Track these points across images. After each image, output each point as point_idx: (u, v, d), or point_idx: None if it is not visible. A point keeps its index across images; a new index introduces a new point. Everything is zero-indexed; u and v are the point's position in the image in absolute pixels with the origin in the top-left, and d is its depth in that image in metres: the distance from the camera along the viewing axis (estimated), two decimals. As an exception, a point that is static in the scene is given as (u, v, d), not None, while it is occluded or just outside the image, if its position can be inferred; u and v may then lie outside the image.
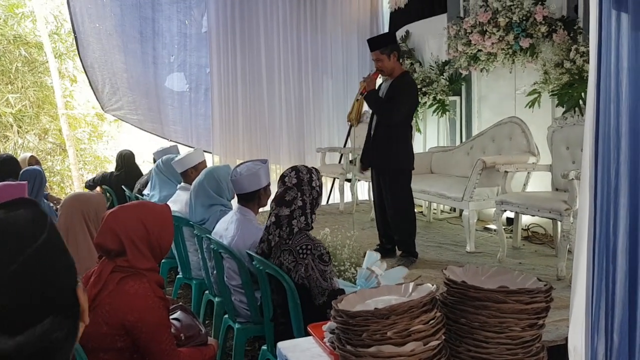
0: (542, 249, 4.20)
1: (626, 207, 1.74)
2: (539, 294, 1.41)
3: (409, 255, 3.80)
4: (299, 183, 2.47)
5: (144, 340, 1.91)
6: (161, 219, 2.08)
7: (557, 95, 4.15)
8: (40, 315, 0.77)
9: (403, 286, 1.56)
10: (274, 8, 6.58)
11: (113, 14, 6.22)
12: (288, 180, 2.48)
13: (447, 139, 5.83)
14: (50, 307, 0.78)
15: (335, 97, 7.08)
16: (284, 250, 2.43)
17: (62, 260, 0.81)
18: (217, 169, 3.79)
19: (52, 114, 9.48)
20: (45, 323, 0.76)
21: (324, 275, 2.36)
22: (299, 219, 2.46)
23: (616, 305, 1.74)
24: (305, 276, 2.37)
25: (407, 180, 3.81)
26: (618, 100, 1.75)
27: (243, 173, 2.98)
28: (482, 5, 4.67)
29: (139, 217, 2.01)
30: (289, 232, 2.45)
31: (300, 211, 2.46)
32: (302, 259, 2.37)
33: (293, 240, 2.42)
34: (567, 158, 3.88)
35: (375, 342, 1.35)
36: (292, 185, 2.46)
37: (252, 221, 2.99)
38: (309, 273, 2.36)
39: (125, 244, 1.95)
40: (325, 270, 2.37)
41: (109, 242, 1.96)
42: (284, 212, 2.45)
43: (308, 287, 2.38)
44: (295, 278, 2.37)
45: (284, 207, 2.46)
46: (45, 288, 0.77)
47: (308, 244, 2.39)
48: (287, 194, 2.46)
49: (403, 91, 3.69)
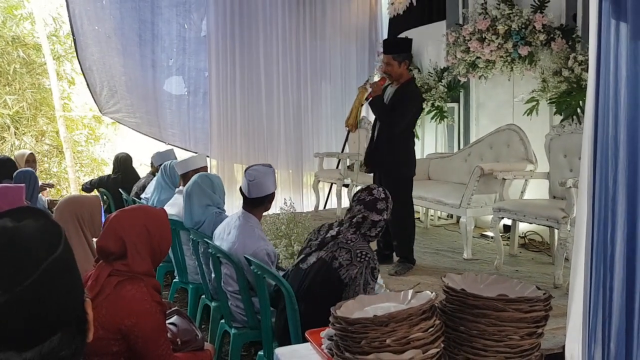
0: (539, 256, 4.20)
1: (624, 216, 1.74)
2: (538, 303, 1.41)
3: (406, 262, 3.79)
4: (386, 199, 2.64)
5: (140, 344, 1.90)
6: (161, 223, 2.09)
7: (555, 103, 4.17)
8: (49, 332, 0.75)
9: (402, 293, 1.56)
10: (273, 13, 6.59)
11: (112, 16, 6.22)
12: (377, 193, 2.63)
13: (445, 146, 5.84)
14: (60, 324, 0.76)
15: (333, 102, 7.09)
16: (341, 248, 2.47)
17: (73, 276, 0.80)
18: (208, 173, 3.81)
19: (49, 116, 9.45)
20: (53, 340, 0.75)
21: (366, 287, 2.41)
22: (377, 230, 2.59)
23: (613, 314, 1.74)
24: (353, 278, 2.39)
25: (408, 187, 3.82)
26: (616, 109, 1.76)
27: (260, 177, 3.00)
28: (481, 13, 4.68)
29: (142, 221, 2.01)
30: (357, 234, 2.53)
31: (383, 223, 2.60)
32: (359, 262, 2.42)
33: (355, 243, 2.49)
34: (565, 166, 3.89)
35: (374, 349, 1.34)
36: (381, 198, 2.62)
37: (254, 229, 2.97)
38: (356, 277, 2.40)
39: (128, 247, 1.95)
40: (369, 284, 2.43)
41: (111, 245, 1.96)
42: (373, 217, 2.57)
43: (348, 289, 2.40)
44: (344, 276, 2.41)
45: (375, 213, 2.58)
46: (56, 305, 0.76)
47: (368, 253, 2.46)
48: (379, 203, 2.60)
49: (408, 99, 3.69)
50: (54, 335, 0.75)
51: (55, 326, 0.75)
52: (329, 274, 2.40)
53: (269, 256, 2.85)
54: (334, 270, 2.41)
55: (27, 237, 0.76)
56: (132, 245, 1.96)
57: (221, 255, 2.86)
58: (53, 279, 0.74)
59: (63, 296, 0.76)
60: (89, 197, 2.94)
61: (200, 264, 3.33)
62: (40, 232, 0.78)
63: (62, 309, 0.76)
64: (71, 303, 0.78)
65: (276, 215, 4.84)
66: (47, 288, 0.74)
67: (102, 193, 5.52)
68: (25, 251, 0.75)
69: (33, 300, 0.72)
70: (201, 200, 3.55)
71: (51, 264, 0.74)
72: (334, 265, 2.43)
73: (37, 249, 0.75)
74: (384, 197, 2.63)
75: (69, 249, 0.79)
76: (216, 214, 3.53)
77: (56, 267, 0.75)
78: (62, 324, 0.76)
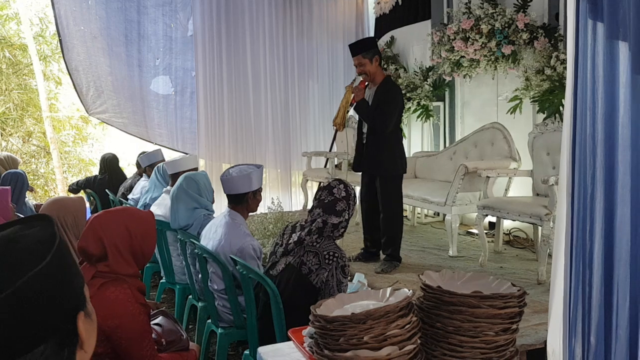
0: (524, 253, 4.26)
1: (602, 213, 1.78)
2: (512, 299, 1.44)
3: (392, 260, 3.82)
4: (347, 197, 2.59)
5: (124, 346, 1.91)
6: (145, 225, 2.09)
7: (538, 101, 4.21)
8: (32, 343, 0.73)
9: (381, 291, 1.58)
10: (259, 12, 6.59)
11: (98, 16, 6.20)
12: (337, 192, 2.57)
13: (431, 144, 5.88)
14: (41, 337, 0.74)
15: (321, 101, 7.11)
16: (308, 252, 2.48)
17: (60, 288, 0.77)
18: (194, 174, 3.78)
19: (36, 117, 9.40)
20: (36, 352, 0.73)
21: (340, 286, 2.43)
22: (340, 230, 2.57)
23: (592, 309, 1.78)
24: (325, 281, 2.40)
25: (399, 185, 3.85)
26: (594, 108, 1.79)
27: (234, 174, 3.02)
28: (465, 12, 4.72)
29: (123, 223, 2.01)
30: (320, 237, 2.51)
31: (345, 223, 2.58)
32: (327, 264, 2.42)
33: (321, 245, 2.48)
34: (548, 164, 3.94)
35: (352, 346, 1.37)
36: (341, 198, 2.57)
37: (240, 226, 3.00)
38: (328, 279, 2.41)
39: (108, 249, 1.95)
40: (342, 282, 2.44)
41: (91, 247, 1.96)
42: (332, 220, 2.53)
43: (321, 292, 2.42)
44: (315, 281, 2.42)
45: (334, 215, 2.54)
46: (39, 315, 0.74)
47: (336, 252, 2.46)
48: (338, 204, 2.55)
49: (390, 99, 3.71)
50: (37, 347, 0.73)
51: (39, 338, 0.74)
52: (300, 281, 2.41)
53: (254, 251, 2.88)
54: (304, 276, 2.43)
55: (20, 247, 0.76)
56: (111, 246, 1.96)
57: (207, 255, 2.87)
58: (37, 289, 0.73)
59: (47, 307, 0.75)
60: (73, 200, 2.92)
61: (187, 265, 3.34)
62: (34, 243, 0.77)
63: (46, 320, 0.75)
64: (57, 314, 0.76)
65: (264, 215, 4.87)
66: (29, 297, 0.72)
67: (89, 194, 5.51)
68: (10, 263, 0.74)
69: (12, 310, 0.71)
70: (187, 204, 3.54)
71: (37, 274, 0.73)
72: (303, 272, 2.44)
73: (23, 261, 0.74)
74: (344, 195, 2.58)
75: (59, 262, 0.77)
76: (205, 217, 3.53)
77: (40, 279, 0.74)
78: (43, 337, 0.75)
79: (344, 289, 2.45)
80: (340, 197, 2.56)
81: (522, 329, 2.67)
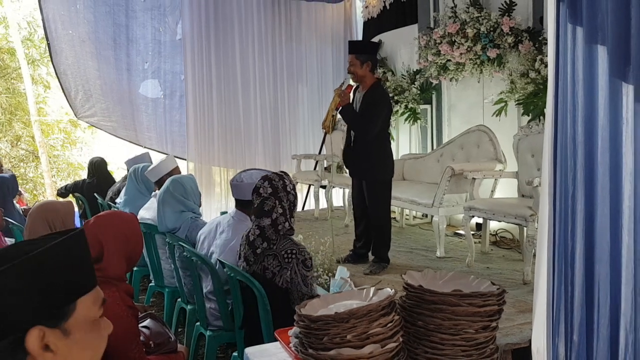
0: (510, 253, 4.30)
1: (582, 213, 1.81)
2: (492, 297, 1.47)
3: (381, 262, 3.85)
4: (274, 191, 2.51)
5: (111, 349, 1.92)
6: (135, 228, 2.12)
7: (523, 104, 4.27)
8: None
9: (365, 291, 1.61)
10: (248, 17, 6.62)
11: (86, 20, 6.20)
12: (263, 191, 2.51)
13: (419, 147, 5.93)
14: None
15: (310, 104, 7.15)
16: (267, 255, 2.47)
17: (10, 296, 0.78)
18: (181, 177, 3.78)
19: (24, 121, 9.37)
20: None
21: (305, 280, 2.43)
22: (283, 224, 2.50)
23: (575, 307, 1.81)
24: (290, 280, 2.42)
25: (387, 190, 3.87)
26: (574, 110, 1.83)
27: (245, 180, 3.03)
28: (451, 17, 4.78)
29: (120, 227, 2.05)
30: (275, 237, 2.49)
31: (283, 217, 2.51)
32: (287, 263, 2.42)
33: (278, 245, 2.47)
34: (532, 165, 3.99)
35: (335, 345, 1.39)
36: (268, 195, 2.50)
37: (247, 224, 3.02)
38: (292, 277, 2.42)
39: (105, 251, 1.98)
40: (307, 276, 2.44)
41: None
42: (265, 223, 2.49)
43: (290, 292, 2.43)
44: (280, 282, 2.42)
45: (264, 217, 2.50)
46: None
47: (293, 249, 2.45)
48: (265, 204, 2.50)
49: (376, 104, 3.70)
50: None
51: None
52: (267, 286, 2.41)
53: None
54: (269, 280, 2.43)
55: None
56: (109, 249, 1.99)
57: (197, 258, 2.89)
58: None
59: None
60: (62, 203, 2.93)
61: (176, 268, 3.35)
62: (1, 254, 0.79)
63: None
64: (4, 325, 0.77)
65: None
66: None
67: (77, 198, 5.49)
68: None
69: None
70: (174, 207, 3.53)
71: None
72: (267, 276, 2.44)
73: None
74: (270, 192, 2.51)
75: (15, 272, 0.78)
76: (192, 219, 3.54)
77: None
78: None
79: (310, 282, 2.45)
80: (266, 195, 2.51)
81: (507, 328, 2.71)
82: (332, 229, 4.56)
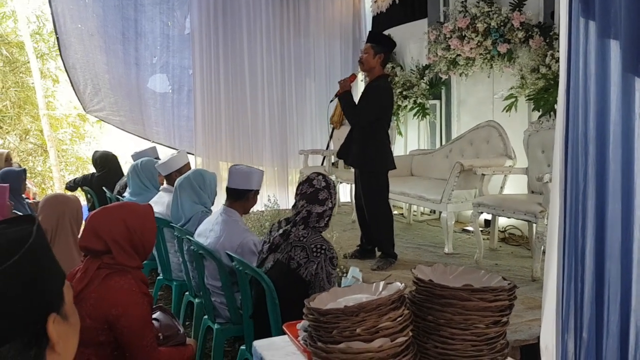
0: (519, 250, 4.28)
1: (593, 209, 1.80)
2: (503, 292, 1.46)
3: (388, 257, 3.85)
4: (327, 186, 2.62)
5: (126, 334, 1.95)
6: (143, 218, 2.13)
7: (533, 99, 4.24)
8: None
9: (374, 285, 1.61)
10: (257, 11, 6.61)
11: (95, 14, 6.21)
12: (317, 183, 2.61)
13: (428, 142, 5.91)
14: (7, 335, 0.74)
15: (317, 99, 7.13)
16: (295, 247, 2.50)
17: (30, 287, 0.76)
18: (204, 169, 3.84)
19: (33, 115, 9.40)
20: (1, 351, 0.73)
21: (329, 277, 2.46)
22: (325, 219, 2.60)
23: (585, 305, 1.80)
24: (314, 274, 2.43)
25: (382, 182, 3.83)
26: (586, 106, 1.81)
27: (239, 168, 3.13)
28: (461, 11, 4.75)
29: (120, 218, 2.05)
30: (308, 229, 2.54)
31: (329, 212, 2.61)
32: (316, 257, 2.45)
33: (308, 239, 2.51)
34: (543, 161, 3.96)
35: (344, 338, 1.39)
36: (322, 187, 2.60)
37: (237, 222, 3.04)
38: (317, 272, 2.44)
39: (110, 244, 2.00)
40: (331, 274, 2.47)
41: (93, 244, 2.00)
42: (316, 210, 2.56)
43: (311, 285, 2.45)
44: (305, 274, 2.44)
45: (317, 205, 2.57)
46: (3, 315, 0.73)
47: (323, 245, 2.49)
48: (320, 194, 2.58)
49: (373, 94, 3.76)
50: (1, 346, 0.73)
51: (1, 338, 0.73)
52: (289, 276, 2.44)
53: (255, 246, 2.94)
54: (293, 270, 2.46)
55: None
56: (113, 242, 2.00)
57: (203, 251, 2.90)
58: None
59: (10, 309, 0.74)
60: (72, 196, 2.95)
61: (184, 261, 3.37)
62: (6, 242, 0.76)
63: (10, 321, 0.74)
64: (24, 316, 0.76)
65: (260, 212, 4.89)
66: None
67: (86, 192, 5.51)
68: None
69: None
70: (190, 197, 3.58)
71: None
72: (292, 266, 2.47)
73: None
74: (324, 185, 2.61)
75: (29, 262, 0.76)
76: (202, 213, 3.56)
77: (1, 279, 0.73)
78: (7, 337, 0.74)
79: (334, 280, 2.48)
80: (321, 187, 2.60)
81: (516, 324, 2.70)
82: (337, 225, 4.56)
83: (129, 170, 4.67)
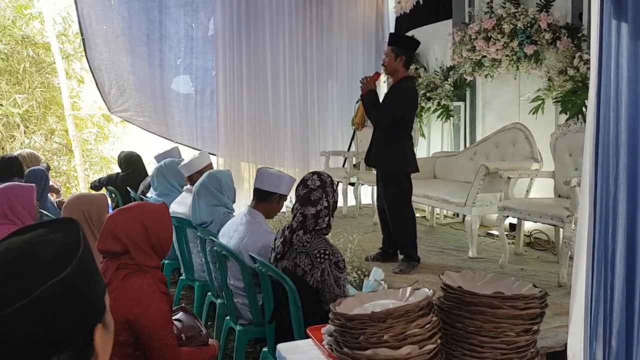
0: (544, 255, 4.21)
1: (624, 215, 1.76)
2: (534, 300, 1.43)
3: (410, 260, 3.80)
4: (322, 185, 2.56)
5: (146, 334, 1.95)
6: (159, 217, 2.13)
7: (561, 102, 4.16)
8: (46, 353, 0.72)
9: (400, 290, 1.58)
10: (279, 12, 6.62)
11: (120, 16, 6.28)
12: (311, 183, 2.56)
13: (451, 144, 5.84)
14: (58, 347, 0.73)
15: (339, 101, 7.11)
16: (300, 253, 2.48)
17: (81, 298, 0.75)
18: (218, 171, 3.84)
19: (58, 115, 9.53)
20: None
21: (338, 282, 2.42)
22: (324, 219, 2.54)
23: (614, 312, 1.75)
24: (321, 280, 2.41)
25: (402, 184, 3.77)
26: (617, 109, 1.77)
27: (270, 170, 3.12)
28: (487, 12, 4.69)
29: (137, 218, 2.06)
30: (310, 233, 2.50)
31: (326, 212, 2.55)
32: (320, 263, 2.42)
33: (312, 244, 2.48)
34: (570, 165, 3.89)
35: (371, 345, 1.37)
36: (316, 187, 2.55)
37: (261, 224, 3.03)
38: (324, 278, 2.42)
39: (128, 245, 2.01)
40: (339, 277, 2.43)
41: (111, 246, 2.01)
42: (310, 211, 2.52)
43: (321, 292, 2.42)
44: (311, 281, 2.42)
45: (310, 206, 2.53)
46: (56, 326, 0.72)
47: (326, 249, 2.45)
48: (312, 194, 2.54)
49: (397, 95, 3.73)
50: (50, 358, 0.72)
51: (52, 349, 0.72)
52: (298, 283, 2.40)
53: None
54: (300, 278, 2.42)
55: (42, 254, 0.74)
56: (131, 243, 2.01)
57: (227, 252, 2.90)
58: (52, 301, 0.71)
59: (62, 318, 0.73)
60: (97, 196, 2.97)
61: (206, 262, 3.37)
62: (57, 250, 0.75)
63: (60, 331, 0.73)
64: (74, 328, 0.74)
65: (282, 214, 4.88)
66: (43, 309, 0.70)
67: (110, 191, 5.57)
68: (30, 270, 0.72)
69: (25, 321, 0.69)
70: (208, 201, 3.59)
71: (54, 285, 0.71)
72: (298, 274, 2.44)
73: (44, 269, 0.72)
74: (318, 184, 2.55)
75: (81, 271, 0.75)
76: (224, 214, 3.56)
77: (58, 290, 0.72)
78: (58, 348, 0.73)
79: (344, 284, 2.44)
80: (314, 187, 2.55)
81: (542, 331, 2.63)
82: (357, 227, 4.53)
83: (154, 172, 4.71)
